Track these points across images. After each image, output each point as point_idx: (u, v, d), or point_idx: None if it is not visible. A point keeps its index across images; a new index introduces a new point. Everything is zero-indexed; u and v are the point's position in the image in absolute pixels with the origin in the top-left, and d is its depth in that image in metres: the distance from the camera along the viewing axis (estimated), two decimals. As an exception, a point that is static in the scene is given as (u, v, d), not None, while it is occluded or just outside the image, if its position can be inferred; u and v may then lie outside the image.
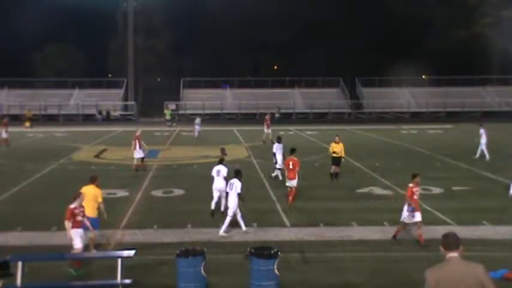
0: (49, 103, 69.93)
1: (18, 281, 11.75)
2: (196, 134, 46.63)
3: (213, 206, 18.59)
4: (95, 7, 72.71)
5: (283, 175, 23.56)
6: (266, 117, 44.27)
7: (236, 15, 79.86)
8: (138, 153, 28.62)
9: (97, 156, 35.19)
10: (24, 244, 15.60)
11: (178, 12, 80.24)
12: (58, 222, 17.67)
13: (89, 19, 76.25)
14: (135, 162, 28.92)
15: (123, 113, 73.16)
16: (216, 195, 18.68)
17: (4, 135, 38.47)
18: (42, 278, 12.73)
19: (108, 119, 68.70)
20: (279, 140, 25.68)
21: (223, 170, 18.92)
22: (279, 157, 25.07)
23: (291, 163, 20.78)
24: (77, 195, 13.62)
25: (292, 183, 20.52)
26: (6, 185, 24.46)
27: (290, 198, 20.28)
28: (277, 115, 67.50)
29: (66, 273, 13.10)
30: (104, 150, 37.72)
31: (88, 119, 68.75)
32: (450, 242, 6.47)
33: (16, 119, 59.45)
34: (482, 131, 32.26)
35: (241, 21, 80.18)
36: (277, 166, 25.23)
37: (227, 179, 18.10)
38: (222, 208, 18.33)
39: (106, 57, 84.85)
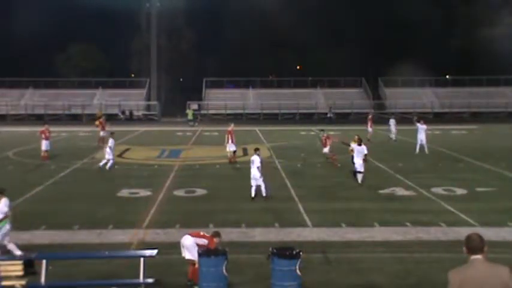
0: (73, 103, 70.64)
1: (43, 279, 11.87)
2: (393, 136, 42.96)
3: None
4: (118, 8, 73.19)
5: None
6: (369, 116, 44.29)
7: (259, 15, 79.81)
8: (230, 147, 30.37)
9: (120, 155, 35.37)
10: (48, 242, 15.75)
11: (200, 12, 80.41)
12: (81, 221, 17.90)
13: (112, 20, 76.73)
14: (228, 155, 30.66)
15: (145, 112, 73.64)
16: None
17: (102, 133, 39.49)
18: (66, 277, 12.85)
19: (131, 119, 69.17)
20: (359, 143, 24.78)
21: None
22: (357, 160, 24.18)
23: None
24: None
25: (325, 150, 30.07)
26: (30, 184, 24.72)
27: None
28: (329, 115, 67.14)
29: (88, 272, 13.19)
30: (126, 150, 37.97)
31: (111, 118, 69.01)
32: (474, 243, 6.30)
33: (40, 119, 59.97)
34: (421, 126, 34.02)
35: (264, 21, 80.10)
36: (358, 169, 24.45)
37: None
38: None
39: (129, 58, 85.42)
